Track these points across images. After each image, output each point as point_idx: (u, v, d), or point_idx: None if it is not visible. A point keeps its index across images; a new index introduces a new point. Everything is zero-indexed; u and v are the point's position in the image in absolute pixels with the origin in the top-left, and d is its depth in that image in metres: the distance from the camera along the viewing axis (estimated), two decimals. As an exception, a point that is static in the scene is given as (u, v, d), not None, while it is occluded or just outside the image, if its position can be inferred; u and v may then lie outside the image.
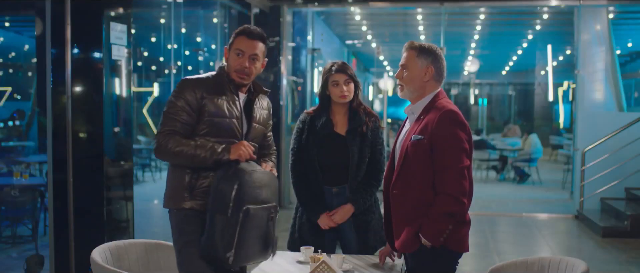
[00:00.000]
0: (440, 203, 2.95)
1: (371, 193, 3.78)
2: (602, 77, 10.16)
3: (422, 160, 2.98)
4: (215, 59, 11.23)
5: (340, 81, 3.75)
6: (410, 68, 3.10)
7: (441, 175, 2.96)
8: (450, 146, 2.95)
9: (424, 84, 3.11)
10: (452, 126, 2.97)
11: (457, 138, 2.97)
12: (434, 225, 2.94)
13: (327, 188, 3.78)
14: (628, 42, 16.20)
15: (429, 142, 2.96)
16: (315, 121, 3.83)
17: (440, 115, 2.98)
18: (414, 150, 2.99)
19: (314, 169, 3.76)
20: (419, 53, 3.10)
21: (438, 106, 3.05)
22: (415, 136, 3.01)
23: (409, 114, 3.17)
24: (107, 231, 5.21)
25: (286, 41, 9.68)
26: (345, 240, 3.81)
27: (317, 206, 3.75)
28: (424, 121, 3.02)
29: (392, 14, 12.83)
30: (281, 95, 9.59)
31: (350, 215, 3.73)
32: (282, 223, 8.40)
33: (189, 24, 12.22)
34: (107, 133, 5.16)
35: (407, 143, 3.04)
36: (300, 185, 3.82)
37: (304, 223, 3.80)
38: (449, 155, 2.95)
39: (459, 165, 2.95)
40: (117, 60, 5.23)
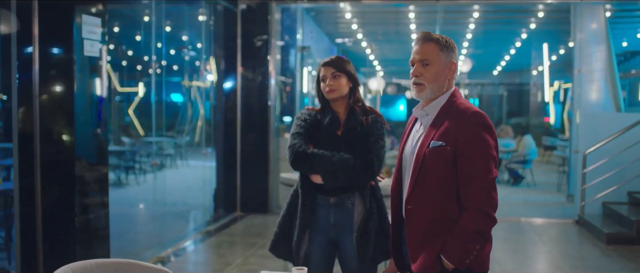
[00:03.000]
0: (467, 219, 2.57)
1: (349, 173, 3.36)
2: (600, 76, 9.94)
3: (443, 170, 2.60)
4: (201, 58, 10.85)
5: (327, 74, 3.43)
6: (434, 63, 2.69)
7: (468, 187, 2.57)
8: (479, 154, 2.57)
9: (445, 83, 2.73)
10: (481, 131, 2.59)
11: (486, 144, 2.58)
12: (459, 246, 2.56)
13: (323, 197, 3.40)
14: (623, 41, 15.97)
15: (453, 149, 2.58)
16: (320, 118, 3.50)
17: (467, 118, 2.60)
18: (434, 158, 2.61)
19: None
20: (443, 46, 2.70)
21: (460, 107, 2.66)
22: (435, 142, 2.62)
23: (421, 117, 2.77)
24: (80, 242, 4.81)
25: (274, 39, 9.31)
26: (342, 252, 3.44)
27: (340, 155, 3.36)
28: (445, 125, 2.63)
29: (383, 11, 12.50)
30: (269, 95, 9.22)
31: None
32: (270, 230, 8.05)
33: (174, 21, 11.84)
34: (79, 134, 4.76)
35: (423, 150, 2.65)
36: (306, 154, 3.37)
37: (307, 239, 3.42)
38: (478, 164, 2.57)
39: (488, 176, 2.57)
40: (91, 57, 4.81)
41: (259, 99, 9.22)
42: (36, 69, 4.57)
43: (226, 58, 9.23)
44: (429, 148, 2.63)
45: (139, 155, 12.80)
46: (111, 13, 11.49)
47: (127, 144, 13.31)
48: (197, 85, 13.83)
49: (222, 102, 9.27)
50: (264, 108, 9.24)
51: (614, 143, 8.29)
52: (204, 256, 7.12)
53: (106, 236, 5.16)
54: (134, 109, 12.76)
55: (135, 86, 14.68)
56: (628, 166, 8.20)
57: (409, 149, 2.79)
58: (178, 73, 15.62)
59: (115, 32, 13.23)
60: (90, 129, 4.98)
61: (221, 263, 6.41)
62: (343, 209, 3.40)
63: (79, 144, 4.75)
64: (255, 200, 9.18)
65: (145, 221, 9.05)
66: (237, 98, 9.16)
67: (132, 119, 12.61)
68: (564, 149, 13.85)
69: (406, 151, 2.81)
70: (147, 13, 10.75)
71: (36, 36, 4.56)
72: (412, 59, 2.73)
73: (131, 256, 6.62)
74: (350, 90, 3.48)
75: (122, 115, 14.89)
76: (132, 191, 11.46)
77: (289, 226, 3.49)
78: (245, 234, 7.88)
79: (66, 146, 4.71)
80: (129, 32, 13.23)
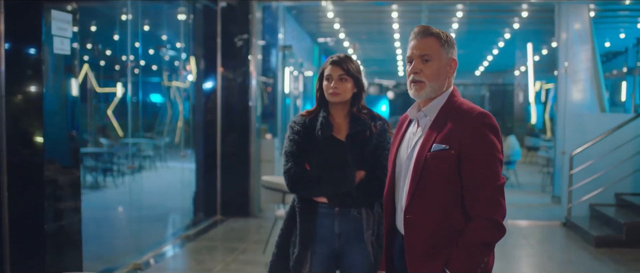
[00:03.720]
0: (474, 230, 2.36)
1: (375, 197, 3.20)
2: (584, 77, 9.88)
3: (446, 175, 2.39)
4: (180, 57, 10.61)
5: (334, 75, 3.20)
6: (434, 59, 2.48)
7: (475, 194, 2.37)
8: (486, 158, 2.37)
9: (445, 81, 2.53)
10: (488, 133, 2.39)
11: (494, 148, 2.39)
12: (466, 259, 2.35)
13: (327, 208, 3.19)
14: (605, 41, 15.94)
15: (457, 153, 2.38)
16: (313, 122, 3.26)
17: (473, 119, 2.40)
18: (436, 163, 2.40)
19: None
20: (443, 42, 2.50)
21: (463, 107, 2.46)
22: (437, 145, 2.41)
23: (419, 118, 2.55)
24: (50, 250, 4.56)
25: (255, 38, 9.09)
26: (346, 263, 3.23)
27: (342, 174, 3.14)
28: (448, 127, 2.42)
29: (366, 11, 12.32)
30: (250, 96, 9.00)
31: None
32: (252, 235, 7.84)
33: (152, 20, 11.59)
34: (49, 136, 4.50)
35: (424, 154, 2.43)
36: (305, 177, 3.17)
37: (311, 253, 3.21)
38: (485, 169, 2.37)
39: (496, 181, 2.37)
40: (62, 55, 4.57)
41: (240, 99, 9.00)
42: (2, 68, 4.31)
43: (206, 58, 9.01)
44: (430, 152, 2.41)
45: (117, 157, 12.53)
46: (88, 11, 11.23)
47: (105, 146, 13.03)
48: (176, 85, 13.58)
49: (202, 102, 9.04)
50: (245, 109, 9.02)
51: (600, 144, 8.17)
52: (183, 262, 6.88)
53: (78, 243, 4.91)
54: (112, 110, 12.51)
55: (114, 86, 14.42)
56: (615, 168, 8.09)
57: (404, 154, 2.57)
58: (157, 73, 15.35)
59: (93, 31, 12.96)
60: (62, 130, 4.73)
61: (201, 270, 6.18)
62: (349, 217, 3.19)
63: (49, 146, 4.50)
64: (236, 203, 8.95)
65: (123, 225, 8.79)
66: (217, 99, 8.94)
67: (111, 120, 12.37)
68: (548, 150, 13.78)
69: (401, 156, 2.59)
70: (124, 11, 10.51)
71: (2, 32, 4.30)
72: (410, 55, 2.52)
73: (107, 262, 6.39)
74: (353, 96, 3.26)
75: (101, 116, 14.62)
76: (110, 194, 11.19)
77: (287, 244, 3.26)
78: (225, 239, 7.65)
79: (35, 148, 4.46)
80: (106, 32, 12.96)
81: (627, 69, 16.31)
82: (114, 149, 12.57)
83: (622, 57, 17.01)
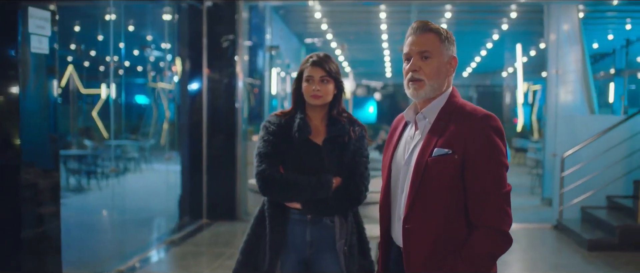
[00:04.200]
0: (479, 240, 2.20)
1: (350, 206, 3.05)
2: (574, 78, 9.83)
3: (449, 182, 2.22)
4: (166, 58, 10.44)
5: (315, 77, 3.02)
6: (435, 57, 2.31)
7: (480, 202, 2.21)
8: (492, 164, 2.21)
9: (445, 81, 2.36)
10: (494, 136, 2.22)
11: (500, 152, 2.23)
12: (470, 271, 2.19)
13: (299, 215, 3.02)
14: (593, 43, 15.92)
15: (461, 158, 2.21)
16: (290, 124, 3.08)
17: (478, 121, 2.24)
18: (438, 169, 2.22)
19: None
20: (444, 38, 2.33)
21: (466, 109, 2.30)
22: (439, 149, 2.23)
23: (418, 120, 2.38)
24: (27, 257, 4.38)
25: (242, 39, 8.92)
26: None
27: (319, 179, 2.97)
28: (450, 130, 2.25)
29: (354, 11, 12.19)
30: (237, 97, 8.83)
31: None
32: (239, 239, 7.67)
33: (137, 20, 11.42)
34: (26, 138, 4.32)
35: (424, 159, 2.25)
36: (280, 181, 2.98)
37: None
38: (491, 175, 2.21)
39: (503, 188, 2.22)
40: (40, 54, 4.38)
41: (226, 101, 8.83)
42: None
43: (191, 58, 8.83)
44: (431, 156, 2.24)
45: (101, 159, 12.33)
46: (72, 12, 11.05)
47: (89, 148, 12.83)
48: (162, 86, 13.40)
49: (187, 104, 8.87)
50: (231, 110, 8.84)
51: (591, 145, 8.08)
52: (168, 267, 6.71)
53: (57, 249, 4.72)
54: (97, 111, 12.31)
55: (98, 87, 14.23)
56: (606, 170, 7.99)
57: (401, 159, 2.39)
58: (142, 74, 15.20)
59: (77, 31, 12.77)
60: (41, 132, 4.55)
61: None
62: (322, 225, 3.03)
63: (26, 149, 4.31)
64: (223, 206, 8.77)
65: (106, 229, 8.60)
66: (203, 100, 8.76)
67: (96, 122, 12.18)
68: (536, 151, 13.71)
69: (397, 161, 2.41)
70: (109, 12, 10.37)
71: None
72: (408, 52, 2.34)
73: (91, 267, 6.22)
74: (333, 97, 3.09)
75: (86, 117, 14.41)
76: (93, 197, 10.99)
77: (255, 251, 3.09)
78: (212, 243, 7.48)
79: (11, 151, 4.27)
80: (90, 32, 12.78)
81: (615, 71, 16.32)
82: (98, 152, 12.37)
83: (610, 58, 17.02)
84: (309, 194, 2.95)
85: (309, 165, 3.00)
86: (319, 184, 2.95)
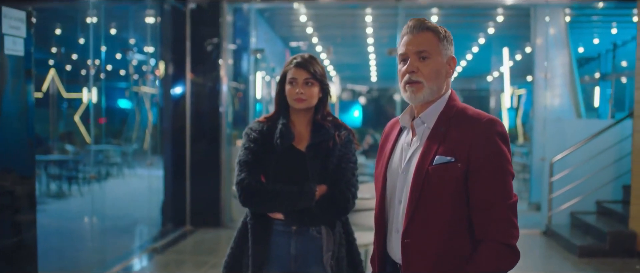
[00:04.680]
0: (485, 255, 2.05)
1: (337, 215, 2.88)
2: (561, 82, 9.81)
3: (452, 192, 2.07)
4: (148, 62, 10.26)
5: (299, 79, 2.87)
6: (434, 57, 2.16)
7: (485, 214, 2.06)
8: (498, 172, 2.06)
9: (444, 82, 2.21)
10: (500, 143, 2.07)
11: (506, 160, 2.08)
12: None
13: (283, 226, 2.86)
14: (578, 47, 15.91)
15: (464, 166, 2.06)
16: (272, 130, 2.91)
17: (482, 126, 2.09)
18: (440, 178, 2.07)
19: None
20: (442, 37, 2.18)
21: (468, 113, 2.15)
22: (441, 157, 2.08)
23: (415, 126, 2.22)
24: (2, 263, 4.18)
25: (226, 42, 8.76)
26: None
27: (301, 189, 2.81)
28: (452, 136, 2.11)
29: (340, 15, 12.07)
30: (221, 101, 8.66)
31: None
32: (223, 247, 7.50)
33: (119, 22, 11.24)
34: (1, 144, 4.13)
35: (425, 168, 2.10)
36: (260, 190, 2.82)
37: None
38: (497, 185, 2.06)
39: (509, 199, 2.06)
40: (14, 55, 4.20)
41: (210, 105, 8.66)
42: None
43: (175, 62, 8.66)
44: (432, 165, 2.09)
45: (82, 164, 12.12)
46: (53, 15, 10.84)
47: (71, 153, 12.62)
48: (144, 90, 13.23)
49: (170, 108, 8.69)
50: (215, 115, 8.67)
51: (580, 150, 7.99)
52: (149, 276, 6.52)
53: (33, 258, 4.52)
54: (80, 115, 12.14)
55: (80, 91, 14.02)
56: (595, 175, 7.91)
57: (397, 167, 2.23)
58: (125, 78, 15.00)
59: (58, 34, 12.56)
60: (17, 137, 4.36)
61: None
62: (307, 237, 2.86)
63: (2, 155, 4.13)
64: (207, 212, 8.59)
65: (87, 236, 8.39)
66: (186, 104, 8.59)
67: (78, 126, 12.00)
68: (522, 155, 13.64)
69: (393, 169, 2.25)
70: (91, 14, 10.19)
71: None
72: (405, 52, 2.18)
73: (68, 278, 6.02)
74: (318, 101, 2.94)
75: (68, 122, 14.20)
76: (74, 203, 10.76)
77: (238, 266, 2.92)
78: (195, 251, 7.30)
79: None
80: (72, 36, 12.57)
81: (600, 75, 16.32)
82: (80, 157, 12.17)
83: (595, 62, 17.02)
84: (290, 204, 2.79)
85: (292, 173, 2.85)
86: (300, 193, 2.79)
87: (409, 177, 2.15)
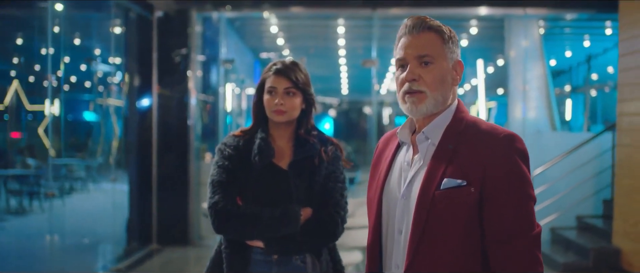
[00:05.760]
0: None
1: (324, 241, 2.57)
2: (535, 94, 9.70)
3: (463, 221, 1.76)
4: (114, 73, 9.91)
5: (279, 88, 2.54)
6: (438, 61, 1.86)
7: (504, 247, 1.74)
8: (520, 199, 1.76)
9: (451, 91, 1.91)
10: (520, 163, 1.78)
11: (528, 184, 1.78)
12: None
13: (263, 255, 2.54)
14: (550, 59, 15.92)
15: (479, 190, 1.75)
16: (249, 145, 2.58)
17: (499, 144, 1.78)
18: (450, 205, 1.75)
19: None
20: (447, 38, 1.88)
21: (481, 127, 1.84)
22: (451, 180, 1.76)
23: (418, 142, 1.90)
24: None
25: (195, 52, 8.45)
26: None
27: (284, 212, 2.47)
28: (463, 154, 1.79)
29: (312, 25, 11.83)
30: (189, 114, 8.34)
31: None
32: (192, 267, 7.15)
33: (83, 33, 10.88)
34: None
35: (431, 193, 1.78)
36: (236, 215, 2.47)
37: None
38: (518, 214, 1.75)
39: (532, 230, 1.75)
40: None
41: (178, 118, 8.34)
42: None
43: (141, 73, 8.33)
44: (440, 189, 1.77)
45: (45, 179, 11.68)
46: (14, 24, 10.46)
47: (33, 167, 12.18)
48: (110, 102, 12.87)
49: (136, 121, 8.35)
50: (183, 128, 8.35)
51: (558, 164, 7.81)
52: (112, 299, 6.16)
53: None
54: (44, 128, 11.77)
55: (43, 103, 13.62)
56: (575, 189, 7.73)
57: (396, 190, 1.91)
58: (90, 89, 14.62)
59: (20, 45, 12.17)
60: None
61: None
62: (290, 267, 2.53)
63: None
64: (174, 230, 8.23)
65: (46, 256, 7.97)
66: (153, 117, 8.25)
67: (42, 139, 11.62)
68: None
69: (391, 193, 1.93)
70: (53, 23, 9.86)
71: None
72: (403, 56, 1.88)
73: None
74: (301, 113, 2.62)
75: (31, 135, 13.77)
76: (35, 220, 10.32)
77: None
78: (162, 272, 6.94)
79: None
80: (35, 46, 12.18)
81: (571, 88, 16.34)
82: (42, 171, 11.74)
83: (566, 75, 17.05)
84: (273, 230, 2.46)
85: (273, 195, 2.52)
86: (284, 217, 2.45)
87: (411, 203, 1.84)
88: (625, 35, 6.55)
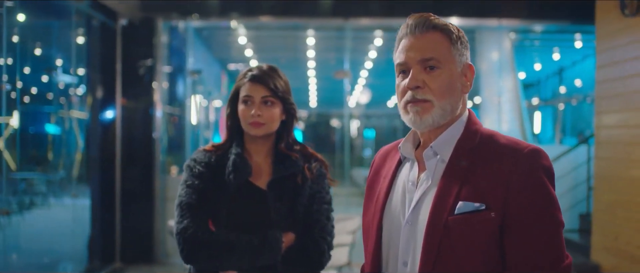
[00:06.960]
0: None
1: (309, 271, 2.27)
2: (507, 106, 9.65)
3: (483, 251, 1.50)
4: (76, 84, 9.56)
5: (255, 97, 2.27)
6: (446, 66, 1.61)
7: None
8: (550, 225, 1.51)
9: (460, 99, 1.66)
10: (547, 184, 1.52)
11: (555, 207, 1.53)
12: None
13: None
14: (520, 72, 15.94)
15: (500, 215, 1.49)
16: (222, 162, 2.28)
17: (522, 160, 1.52)
18: (466, 232, 1.50)
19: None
20: (455, 39, 1.64)
21: (499, 141, 1.59)
22: (467, 203, 1.51)
23: (426, 159, 1.64)
24: None
25: (161, 63, 8.15)
26: None
27: (263, 239, 2.18)
28: (479, 173, 1.54)
29: (281, 36, 11.62)
30: (154, 126, 8.03)
31: None
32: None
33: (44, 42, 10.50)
34: None
35: (443, 218, 1.52)
36: (208, 243, 2.16)
37: None
38: (547, 243, 1.50)
39: (562, 262, 1.51)
40: None
41: (143, 130, 8.04)
42: None
43: (104, 83, 8.02)
44: (454, 214, 1.52)
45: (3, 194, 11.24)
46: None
47: (-9, 182, 11.74)
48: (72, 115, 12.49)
49: (99, 133, 8.02)
50: (149, 141, 8.04)
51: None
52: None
53: None
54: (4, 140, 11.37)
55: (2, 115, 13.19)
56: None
57: (399, 214, 1.65)
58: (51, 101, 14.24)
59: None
60: None
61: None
62: None
63: None
64: (139, 247, 7.90)
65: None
66: (116, 129, 7.93)
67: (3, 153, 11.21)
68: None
69: (393, 217, 1.66)
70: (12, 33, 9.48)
71: None
72: (405, 60, 1.62)
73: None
74: (281, 124, 2.34)
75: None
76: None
77: None
78: (125, 292, 6.63)
79: None
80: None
81: (540, 100, 16.38)
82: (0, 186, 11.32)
83: (534, 88, 17.11)
84: (250, 260, 2.17)
85: (250, 218, 2.24)
86: (263, 245, 2.17)
87: (418, 230, 1.58)
88: (602, 46, 6.44)
